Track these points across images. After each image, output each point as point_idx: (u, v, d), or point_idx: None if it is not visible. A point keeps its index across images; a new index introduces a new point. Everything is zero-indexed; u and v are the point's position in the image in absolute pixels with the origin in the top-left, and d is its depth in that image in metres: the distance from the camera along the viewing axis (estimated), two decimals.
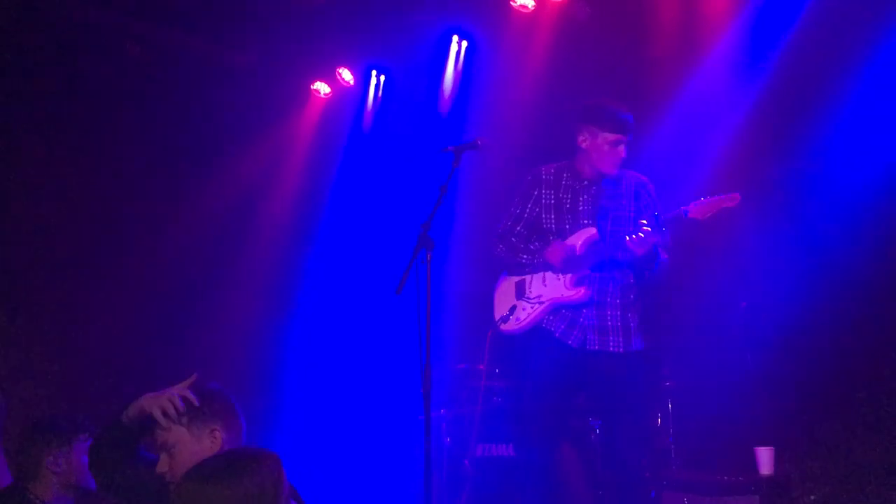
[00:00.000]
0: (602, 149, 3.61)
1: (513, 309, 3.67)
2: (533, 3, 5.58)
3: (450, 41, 6.08)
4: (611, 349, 3.55)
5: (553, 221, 3.69)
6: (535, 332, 3.61)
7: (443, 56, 6.12)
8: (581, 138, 3.70)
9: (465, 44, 6.07)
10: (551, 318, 3.59)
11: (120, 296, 5.61)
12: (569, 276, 3.59)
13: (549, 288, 3.61)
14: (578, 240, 3.62)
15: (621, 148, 3.62)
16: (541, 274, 3.66)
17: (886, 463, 4.09)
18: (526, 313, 3.62)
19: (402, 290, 3.09)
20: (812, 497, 4.03)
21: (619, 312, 3.58)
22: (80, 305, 5.52)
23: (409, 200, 5.69)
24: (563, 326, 3.56)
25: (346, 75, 6.43)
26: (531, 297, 3.63)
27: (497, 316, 3.74)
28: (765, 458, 4.05)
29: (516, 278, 3.73)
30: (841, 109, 4.56)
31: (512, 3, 5.61)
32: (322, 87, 6.49)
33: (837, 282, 4.46)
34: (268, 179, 6.40)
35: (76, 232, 5.61)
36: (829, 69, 4.61)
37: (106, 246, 5.67)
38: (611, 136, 3.60)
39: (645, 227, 3.42)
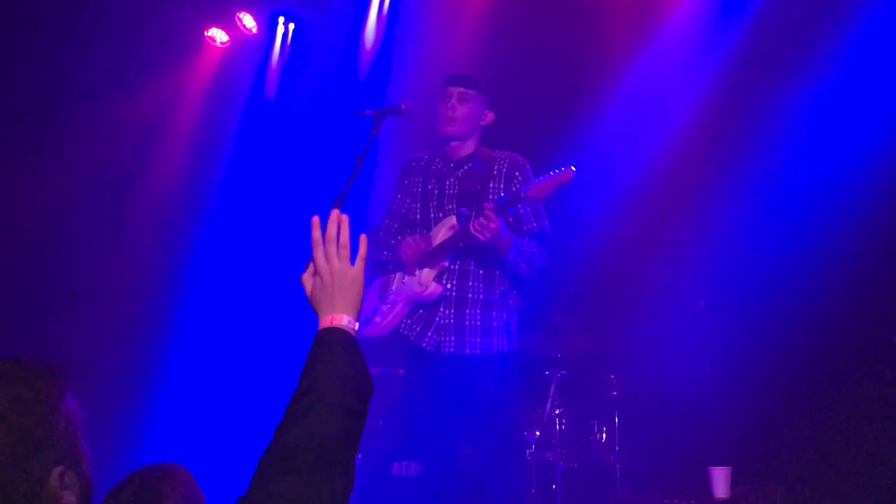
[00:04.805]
0: (438, 111, 3.70)
1: (374, 311, 3.72)
2: None
3: None
4: (467, 351, 3.56)
5: (419, 211, 3.78)
6: (393, 336, 3.69)
7: (364, 4, 6.06)
8: None
9: None
10: (408, 320, 3.66)
11: None
12: (425, 270, 3.62)
13: (406, 285, 3.67)
14: (438, 232, 3.68)
15: (451, 103, 3.64)
16: (402, 272, 3.73)
17: (851, 486, 4.18)
18: (382, 316, 3.68)
19: None
20: None
21: (478, 310, 3.59)
22: None
23: (320, 173, 5.61)
24: (418, 328, 3.61)
25: (248, 21, 6.27)
26: (388, 298, 3.69)
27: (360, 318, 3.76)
28: (720, 480, 4.09)
29: (383, 278, 3.81)
30: (803, 99, 4.71)
31: None
32: (218, 35, 6.28)
33: (811, 282, 4.50)
34: (150, 142, 6.14)
35: None
36: (794, 52, 4.77)
37: None
38: (441, 93, 3.69)
39: (488, 211, 3.42)
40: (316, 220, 1.77)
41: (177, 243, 6.14)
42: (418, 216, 3.80)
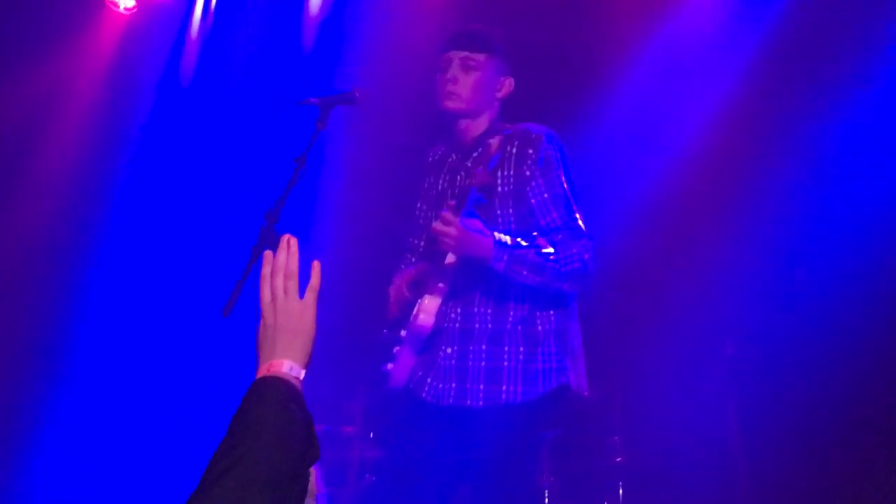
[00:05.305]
0: (436, 83, 3.35)
1: (390, 358, 3.32)
2: None
3: None
4: (467, 403, 3.09)
5: (434, 220, 3.38)
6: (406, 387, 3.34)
7: None
8: None
9: None
10: (416, 365, 3.30)
11: None
12: (427, 297, 3.22)
13: (415, 318, 3.29)
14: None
15: (451, 72, 3.22)
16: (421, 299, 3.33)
17: None
18: (395, 362, 3.26)
19: (233, 310, 2.85)
20: None
21: (484, 347, 3.12)
22: None
23: (250, 177, 5.45)
24: (420, 373, 3.22)
25: None
26: (402, 339, 3.29)
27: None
28: None
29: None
30: (853, 105, 4.57)
31: None
32: None
33: (864, 320, 4.32)
34: (32, 135, 5.66)
35: None
36: (840, 51, 4.63)
37: None
38: (440, 60, 3.30)
39: (444, 212, 3.03)
40: (269, 254, 1.77)
41: (66, 259, 5.68)
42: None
